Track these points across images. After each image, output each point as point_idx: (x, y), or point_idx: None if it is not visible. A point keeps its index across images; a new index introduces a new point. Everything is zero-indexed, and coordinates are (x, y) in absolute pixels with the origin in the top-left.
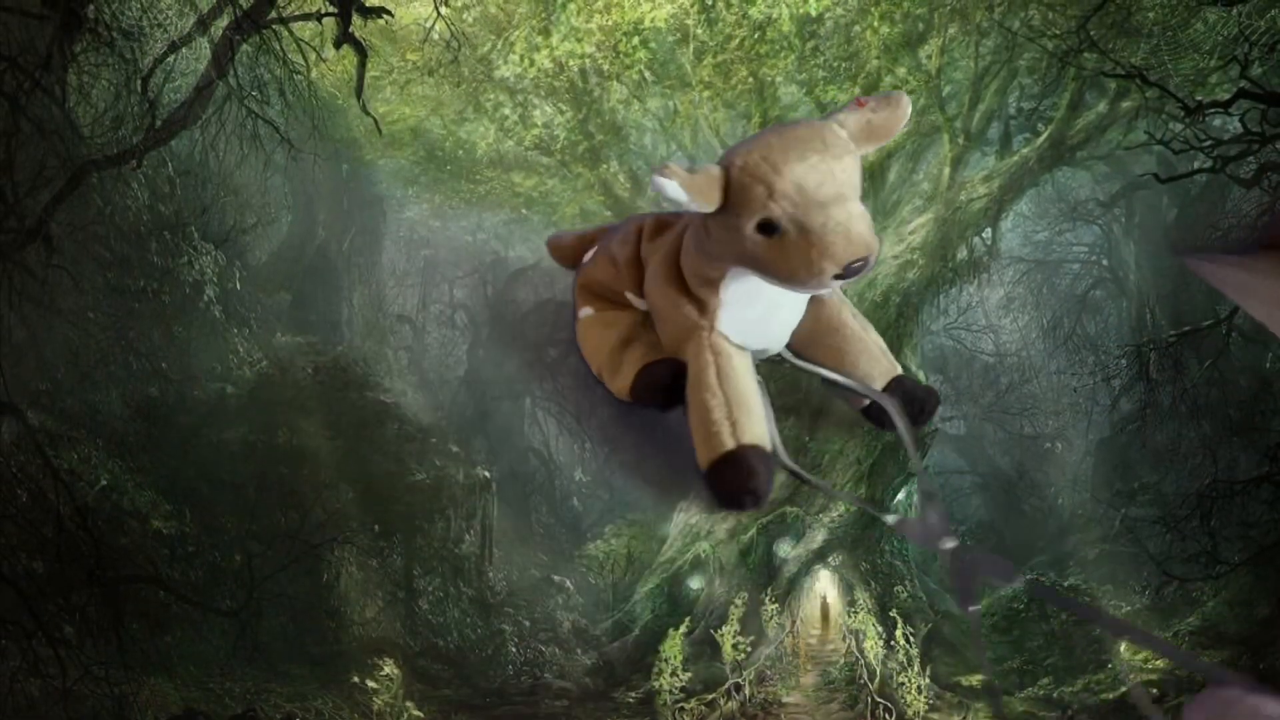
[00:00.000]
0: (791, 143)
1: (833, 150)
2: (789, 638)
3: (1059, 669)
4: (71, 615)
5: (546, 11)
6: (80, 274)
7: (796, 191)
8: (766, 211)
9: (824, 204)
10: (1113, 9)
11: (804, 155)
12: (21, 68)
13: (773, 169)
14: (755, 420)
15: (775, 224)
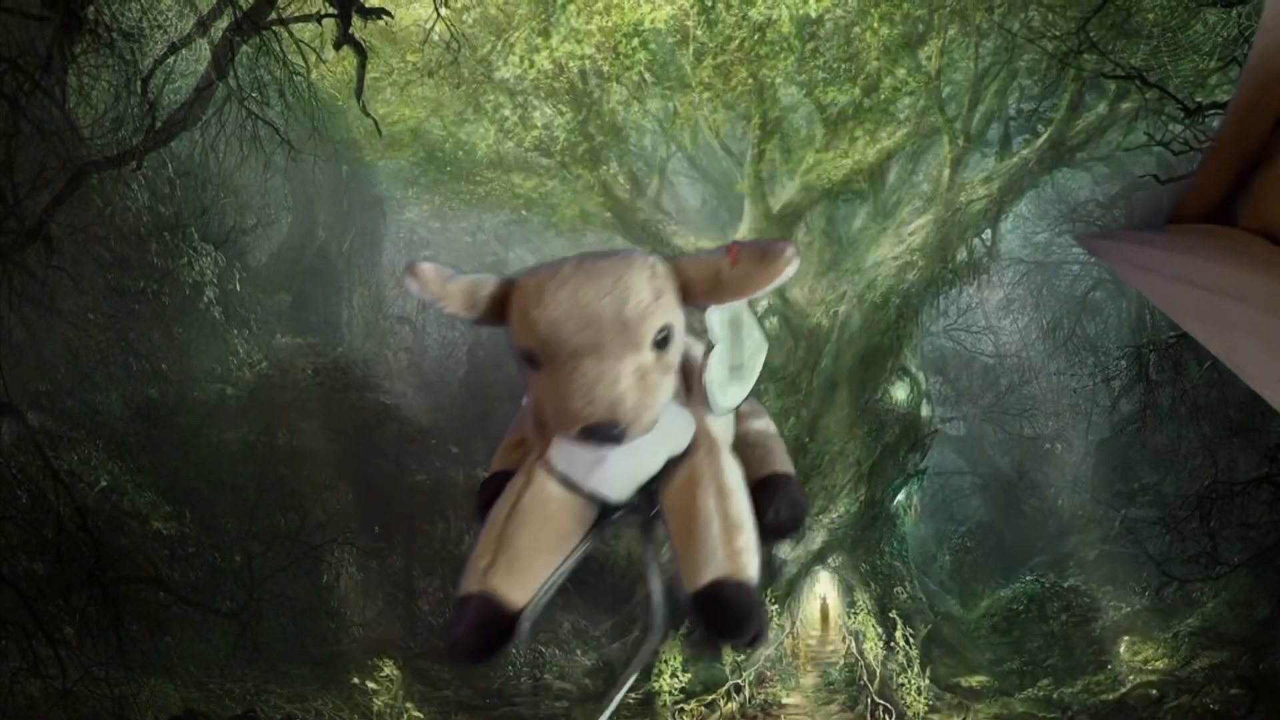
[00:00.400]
0: (575, 275)
1: (621, 294)
2: (789, 639)
3: (1059, 670)
4: (72, 616)
5: (546, 13)
6: (80, 275)
7: (549, 330)
8: (522, 341)
9: (576, 352)
10: (1112, 10)
11: (577, 293)
12: (22, 69)
13: (537, 299)
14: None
15: (534, 358)
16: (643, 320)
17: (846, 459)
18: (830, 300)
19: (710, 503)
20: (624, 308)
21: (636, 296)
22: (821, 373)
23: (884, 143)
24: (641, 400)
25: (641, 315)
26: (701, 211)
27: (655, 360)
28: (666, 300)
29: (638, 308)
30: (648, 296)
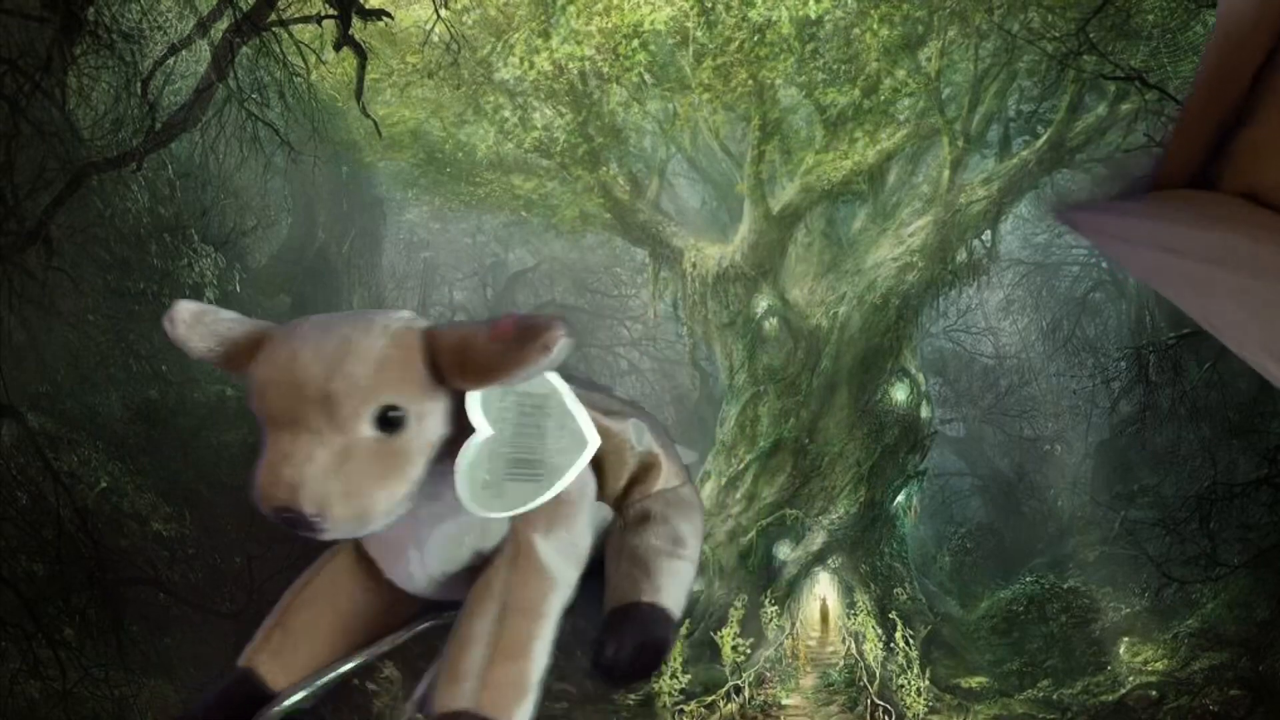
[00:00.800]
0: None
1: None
2: (788, 640)
3: (1058, 671)
4: (72, 617)
5: (546, 14)
6: (80, 276)
7: (259, 394)
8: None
9: (276, 422)
10: (1112, 12)
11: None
12: (22, 70)
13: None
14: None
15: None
16: (350, 396)
17: (846, 460)
18: (830, 301)
19: (483, 622)
20: (331, 379)
21: (351, 367)
22: (821, 374)
23: (884, 144)
24: (337, 489)
25: (350, 390)
26: (701, 212)
27: (374, 443)
28: (394, 374)
29: (346, 380)
30: (364, 369)
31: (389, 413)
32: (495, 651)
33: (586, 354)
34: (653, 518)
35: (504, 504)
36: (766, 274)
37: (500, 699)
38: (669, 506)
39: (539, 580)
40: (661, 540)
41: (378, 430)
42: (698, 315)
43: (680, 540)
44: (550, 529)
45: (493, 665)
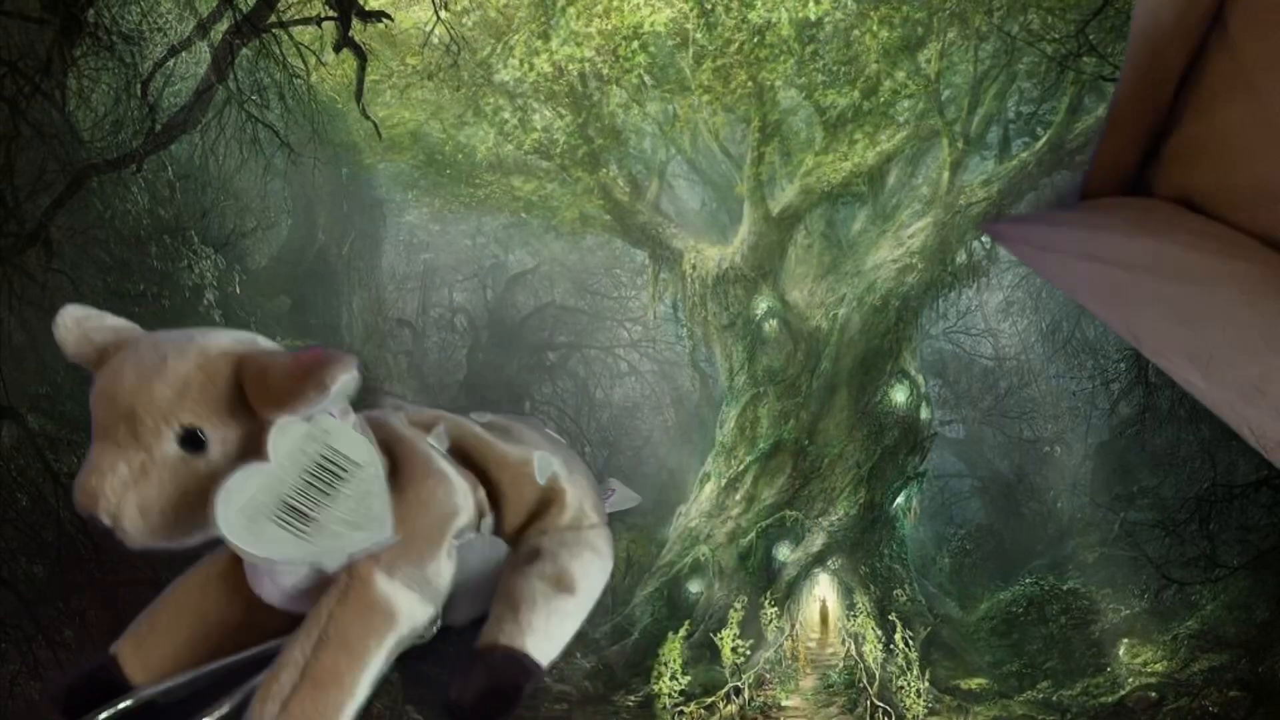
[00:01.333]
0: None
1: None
2: (788, 641)
3: (1058, 672)
4: (72, 619)
5: (546, 16)
6: (80, 278)
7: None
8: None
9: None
10: (1112, 13)
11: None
12: (22, 72)
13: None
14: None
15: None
16: (149, 414)
17: (846, 462)
18: (830, 303)
19: (301, 649)
20: (139, 395)
21: (159, 386)
22: (821, 375)
23: (883, 145)
24: (131, 503)
25: (149, 409)
26: (701, 214)
27: (176, 462)
28: (195, 398)
29: (150, 398)
30: (167, 390)
31: (190, 434)
32: (304, 679)
33: (586, 355)
34: (541, 555)
35: (258, 545)
36: (766, 275)
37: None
38: (563, 545)
39: (369, 615)
40: (544, 580)
41: (180, 449)
42: (697, 317)
43: (565, 581)
44: (394, 564)
45: (298, 693)
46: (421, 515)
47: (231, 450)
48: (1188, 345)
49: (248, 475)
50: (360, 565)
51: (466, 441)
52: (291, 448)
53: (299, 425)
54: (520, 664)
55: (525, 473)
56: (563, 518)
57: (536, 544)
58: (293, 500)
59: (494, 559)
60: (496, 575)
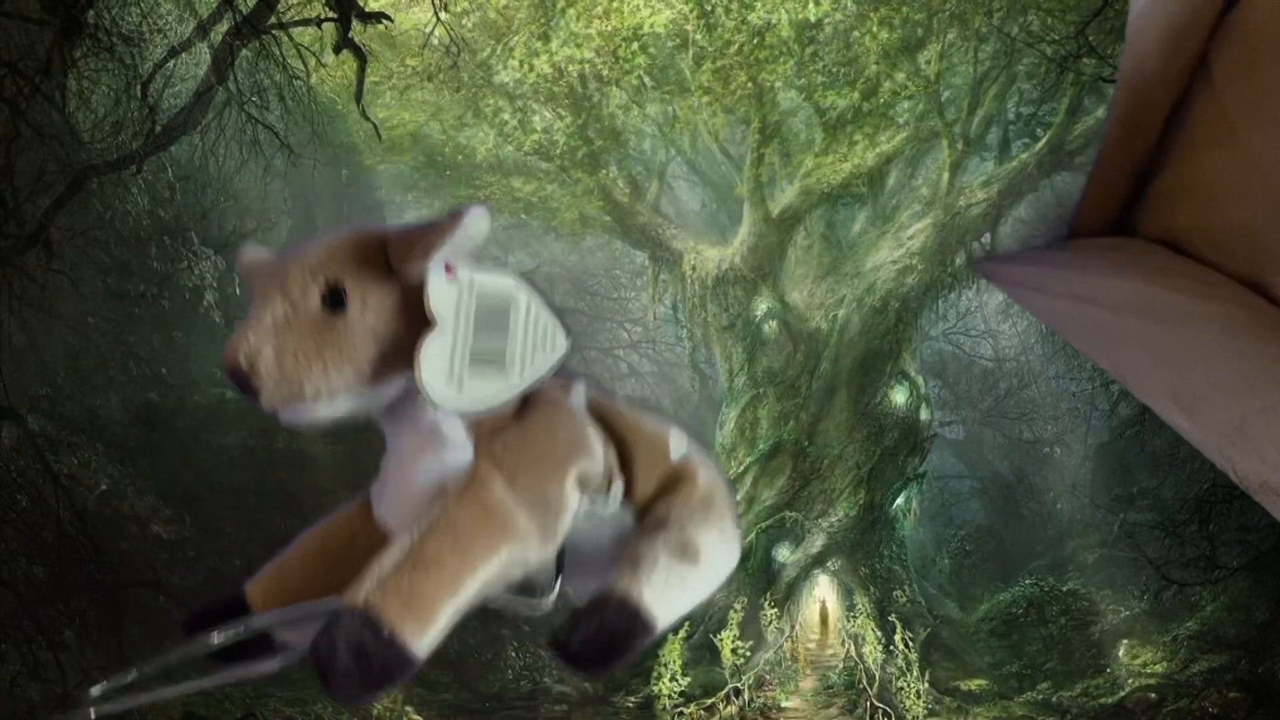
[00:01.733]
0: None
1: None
2: (788, 642)
3: (1058, 674)
4: (72, 620)
5: (546, 17)
6: (80, 279)
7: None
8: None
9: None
10: (1112, 14)
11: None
12: (22, 73)
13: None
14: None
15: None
16: (299, 269)
17: (845, 463)
18: (829, 304)
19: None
20: (293, 258)
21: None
22: (820, 376)
23: (883, 147)
24: (269, 349)
25: (301, 264)
26: (701, 215)
27: (317, 317)
28: (343, 255)
29: (302, 257)
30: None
31: (334, 290)
32: (406, 558)
33: (586, 357)
34: (668, 524)
35: (464, 400)
36: (766, 277)
37: (392, 604)
38: (691, 519)
39: (483, 516)
40: (668, 547)
41: (323, 307)
42: (697, 318)
43: (690, 550)
44: (515, 475)
45: (399, 571)
46: (547, 439)
47: (370, 316)
48: (1172, 387)
49: (432, 345)
50: (481, 468)
51: (604, 403)
52: (453, 306)
53: (449, 285)
54: (634, 616)
55: (660, 443)
56: (694, 495)
57: (664, 514)
58: (478, 349)
59: (621, 532)
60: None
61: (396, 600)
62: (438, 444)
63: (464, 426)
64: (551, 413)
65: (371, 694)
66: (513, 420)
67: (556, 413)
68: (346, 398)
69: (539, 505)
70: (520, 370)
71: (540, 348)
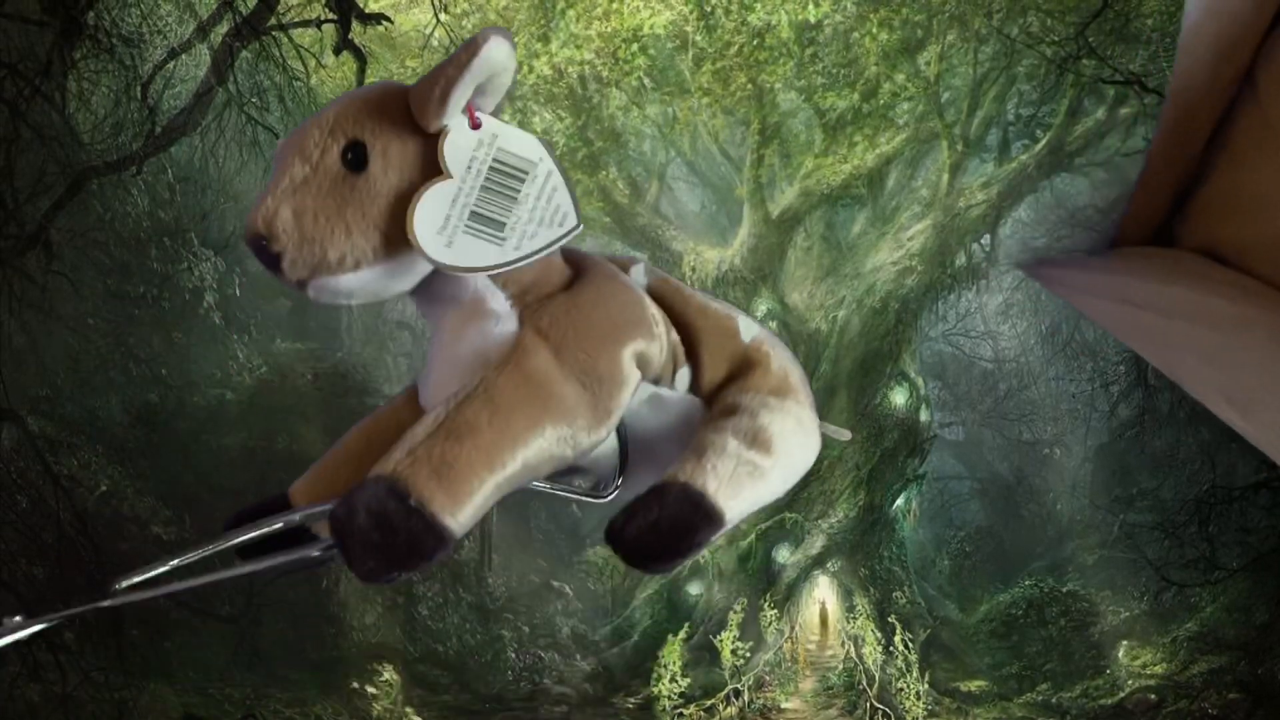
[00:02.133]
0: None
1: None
2: (788, 643)
3: (1057, 674)
4: (72, 621)
5: (546, 18)
6: (80, 280)
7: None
8: None
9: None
10: (1111, 15)
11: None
12: (22, 74)
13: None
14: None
15: None
16: (315, 126)
17: (845, 464)
18: (829, 305)
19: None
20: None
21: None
22: (820, 377)
23: (883, 148)
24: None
25: (317, 121)
26: (700, 216)
27: (337, 176)
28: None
29: (323, 116)
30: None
31: (355, 146)
32: (440, 427)
33: None
34: (739, 411)
35: (452, 255)
36: (766, 277)
37: (421, 472)
38: (764, 406)
39: (525, 384)
40: (739, 435)
41: (343, 165)
42: None
43: (763, 439)
44: (563, 344)
45: (432, 439)
46: (600, 310)
47: (392, 174)
48: (1225, 388)
49: (434, 193)
50: (526, 337)
51: (668, 284)
52: (466, 158)
53: (468, 135)
54: (698, 505)
55: (729, 326)
56: (767, 381)
57: (735, 400)
58: (479, 209)
59: (690, 422)
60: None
61: (426, 469)
62: (481, 316)
63: (507, 297)
64: (605, 284)
65: (397, 569)
66: (565, 291)
67: (611, 283)
68: (376, 269)
69: (590, 379)
70: (518, 241)
71: (546, 223)
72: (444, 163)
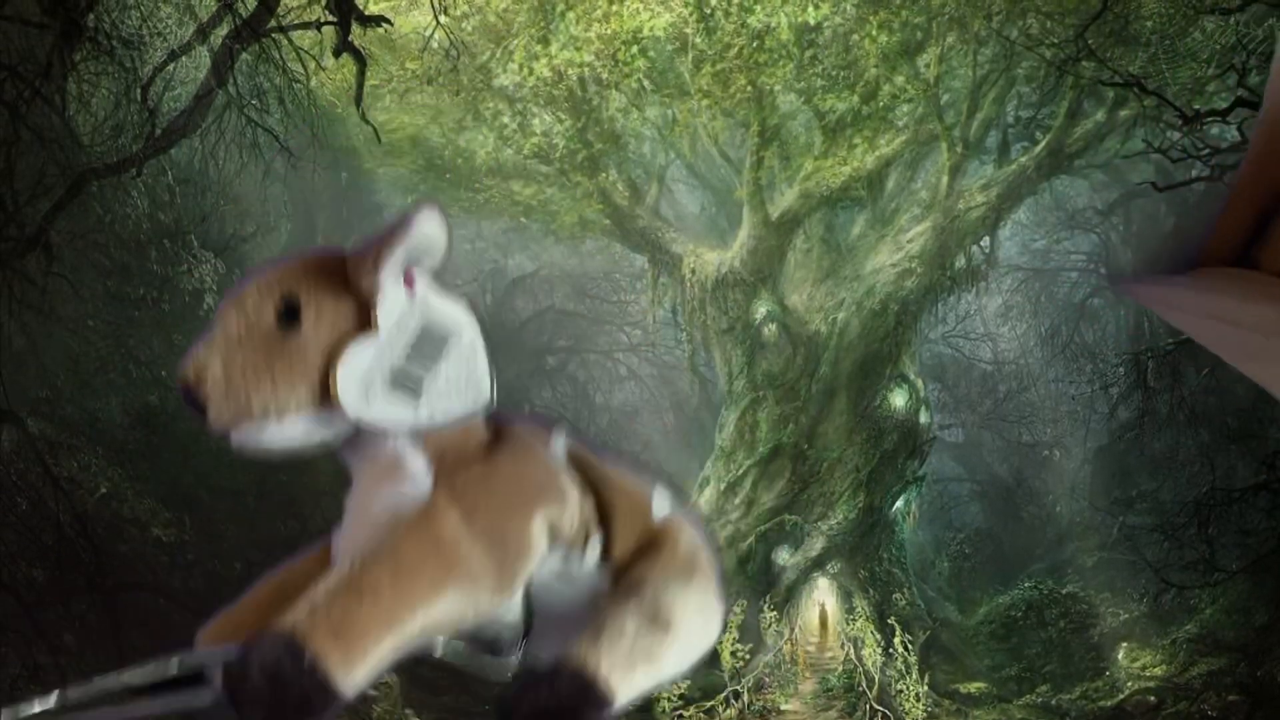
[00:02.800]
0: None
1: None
2: (787, 645)
3: (1057, 676)
4: (71, 623)
5: (546, 20)
6: (80, 282)
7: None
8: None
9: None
10: (1111, 18)
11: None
12: (22, 76)
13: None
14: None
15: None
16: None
17: (845, 466)
18: (829, 307)
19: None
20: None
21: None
22: (820, 379)
23: (883, 150)
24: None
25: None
26: (700, 218)
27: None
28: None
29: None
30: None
31: (289, 305)
32: (342, 586)
33: (585, 360)
34: (642, 587)
35: (371, 411)
36: (765, 280)
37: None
38: (668, 583)
39: (431, 549)
40: (639, 613)
41: (276, 323)
42: (697, 321)
43: (662, 618)
44: (474, 511)
45: (331, 598)
46: (514, 478)
47: (324, 331)
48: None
49: (360, 347)
50: (438, 499)
51: (585, 455)
52: (396, 320)
53: (401, 298)
54: (588, 689)
55: (641, 501)
56: (674, 560)
57: (641, 575)
58: (402, 369)
59: (597, 594)
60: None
61: (325, 628)
62: (397, 475)
63: (425, 460)
64: (522, 453)
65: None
66: (481, 457)
67: (528, 453)
68: (300, 420)
69: (497, 545)
70: (433, 404)
71: (460, 393)
72: (375, 322)
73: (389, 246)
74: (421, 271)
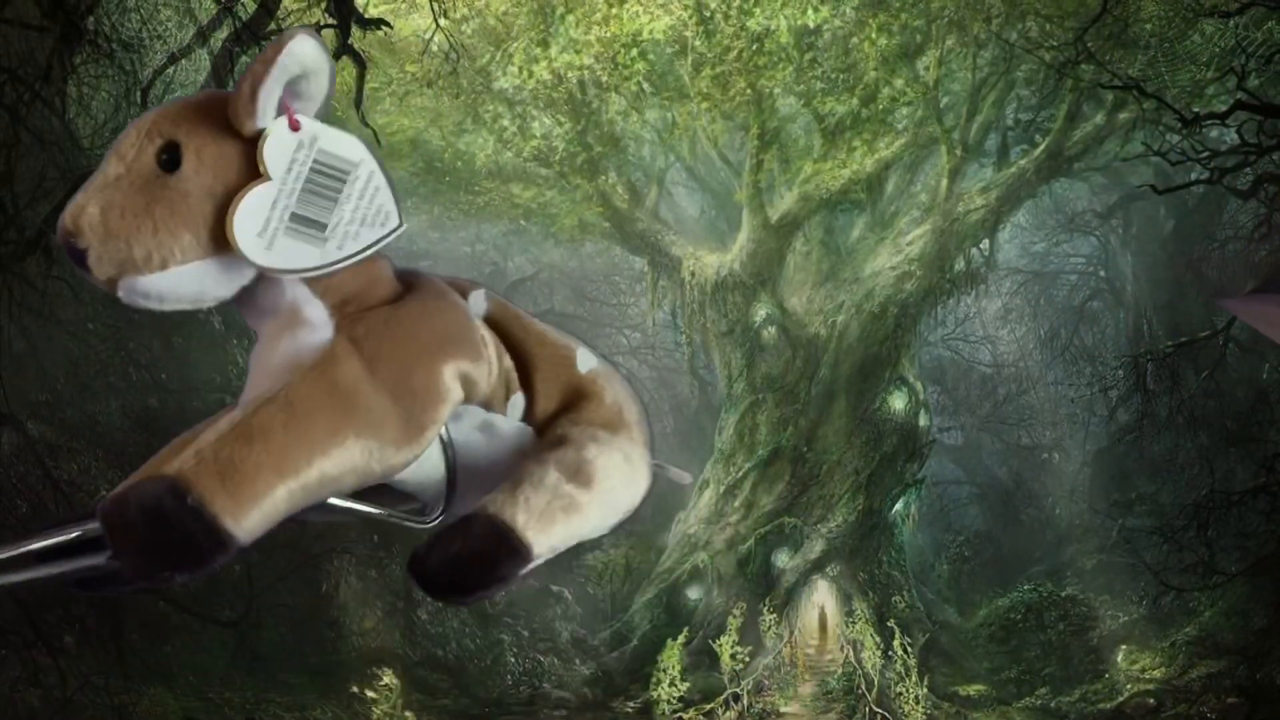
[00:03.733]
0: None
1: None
2: (787, 648)
3: (1056, 679)
4: (71, 625)
5: (545, 23)
6: (80, 285)
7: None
8: None
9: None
10: (1110, 21)
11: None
12: (22, 79)
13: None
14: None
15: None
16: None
17: (844, 468)
18: (828, 310)
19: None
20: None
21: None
22: (819, 382)
23: (882, 153)
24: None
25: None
26: (700, 221)
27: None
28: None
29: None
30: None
31: (169, 146)
32: (231, 428)
33: None
34: (565, 443)
35: (272, 257)
36: (765, 282)
37: (205, 473)
38: (592, 439)
39: (328, 394)
40: (560, 466)
41: (155, 165)
42: (696, 324)
43: (584, 473)
44: (377, 359)
45: (221, 441)
46: (420, 324)
47: (205, 174)
48: None
49: (254, 195)
50: (337, 345)
51: (506, 312)
52: (286, 160)
53: (288, 137)
54: (503, 538)
55: (565, 355)
56: (599, 414)
57: (564, 431)
58: (300, 210)
59: (522, 450)
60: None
61: (212, 469)
62: (296, 325)
63: (326, 308)
64: (432, 301)
65: (168, 568)
66: (385, 305)
67: (439, 301)
68: (187, 270)
69: (402, 394)
70: (340, 241)
71: (369, 223)
72: (263, 165)
73: (261, 78)
74: (307, 104)
